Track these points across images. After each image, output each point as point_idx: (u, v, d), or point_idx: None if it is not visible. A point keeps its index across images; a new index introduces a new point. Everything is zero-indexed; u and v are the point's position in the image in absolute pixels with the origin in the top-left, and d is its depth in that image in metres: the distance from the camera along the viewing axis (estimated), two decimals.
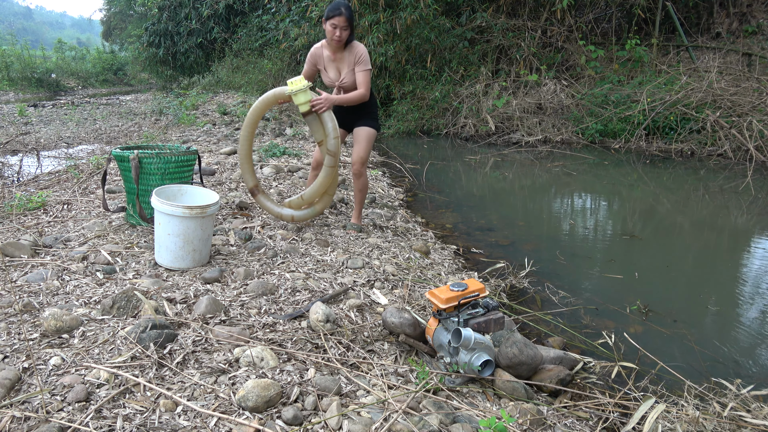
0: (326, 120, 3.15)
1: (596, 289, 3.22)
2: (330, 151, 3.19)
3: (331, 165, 3.22)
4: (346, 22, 3.09)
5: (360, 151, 3.38)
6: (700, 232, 4.40)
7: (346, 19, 3.09)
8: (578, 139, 8.06)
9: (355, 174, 3.42)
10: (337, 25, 3.09)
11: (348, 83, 3.31)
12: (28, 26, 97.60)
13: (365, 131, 3.39)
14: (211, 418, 1.55)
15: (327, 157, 3.22)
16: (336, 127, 3.16)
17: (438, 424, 1.63)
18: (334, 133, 3.16)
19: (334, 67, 3.33)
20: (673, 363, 2.30)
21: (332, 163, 3.21)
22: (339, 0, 3.11)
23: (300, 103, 3.10)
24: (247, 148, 3.35)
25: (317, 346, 2.04)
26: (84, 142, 8.03)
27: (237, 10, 15.32)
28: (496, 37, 9.82)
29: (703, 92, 7.56)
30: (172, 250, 2.61)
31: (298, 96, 3.08)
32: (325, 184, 3.26)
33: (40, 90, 20.58)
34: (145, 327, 1.91)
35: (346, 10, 3.09)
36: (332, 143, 3.17)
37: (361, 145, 3.38)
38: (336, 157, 3.20)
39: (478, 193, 5.71)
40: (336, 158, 3.20)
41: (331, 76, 3.35)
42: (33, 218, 3.53)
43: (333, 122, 3.16)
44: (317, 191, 3.29)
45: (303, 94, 3.07)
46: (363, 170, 3.41)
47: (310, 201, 3.36)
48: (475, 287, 2.14)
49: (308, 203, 3.37)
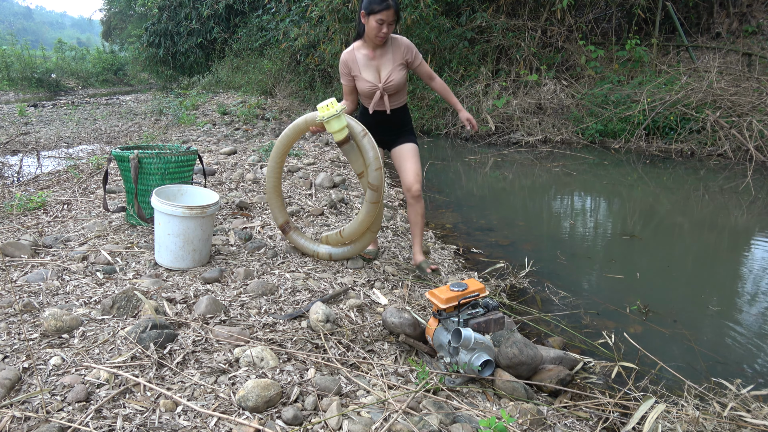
0: (366, 148, 2.69)
1: (596, 289, 3.22)
2: (372, 184, 2.72)
3: (373, 201, 2.75)
4: (394, 15, 2.62)
5: (416, 168, 2.89)
6: (700, 232, 4.40)
7: (395, 12, 2.62)
8: (578, 139, 8.06)
9: (414, 197, 2.92)
10: (384, 20, 2.61)
11: (396, 82, 2.80)
12: (28, 26, 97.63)
13: (412, 147, 2.93)
14: (211, 418, 1.55)
15: (368, 192, 2.75)
16: (378, 156, 2.69)
17: (438, 424, 1.63)
18: (376, 163, 2.68)
19: (372, 69, 2.82)
20: (673, 363, 2.30)
21: (375, 198, 2.74)
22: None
23: (334, 131, 2.65)
24: (276, 181, 2.99)
25: (317, 346, 2.04)
26: (84, 142, 8.03)
27: (237, 10, 15.33)
28: (496, 37, 9.82)
29: (703, 92, 7.55)
30: (172, 250, 2.61)
31: (332, 123, 2.62)
32: (367, 222, 2.82)
33: (40, 90, 20.60)
34: (145, 327, 1.91)
35: (394, 1, 2.61)
36: (374, 175, 2.70)
37: (413, 163, 2.90)
38: (379, 191, 2.74)
39: (478, 193, 5.71)
40: (379, 192, 2.74)
41: (370, 78, 2.81)
42: (33, 218, 3.53)
43: (374, 150, 2.68)
44: (358, 230, 2.85)
45: (337, 120, 2.62)
46: (421, 191, 2.94)
47: (350, 238, 2.92)
48: (475, 287, 2.14)
49: (348, 240, 2.93)
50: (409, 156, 2.91)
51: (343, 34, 9.33)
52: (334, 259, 2.97)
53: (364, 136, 2.68)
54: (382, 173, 2.72)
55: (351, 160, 2.76)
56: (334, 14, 9.26)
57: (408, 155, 2.91)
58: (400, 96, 2.91)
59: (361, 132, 2.69)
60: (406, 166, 2.90)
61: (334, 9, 9.16)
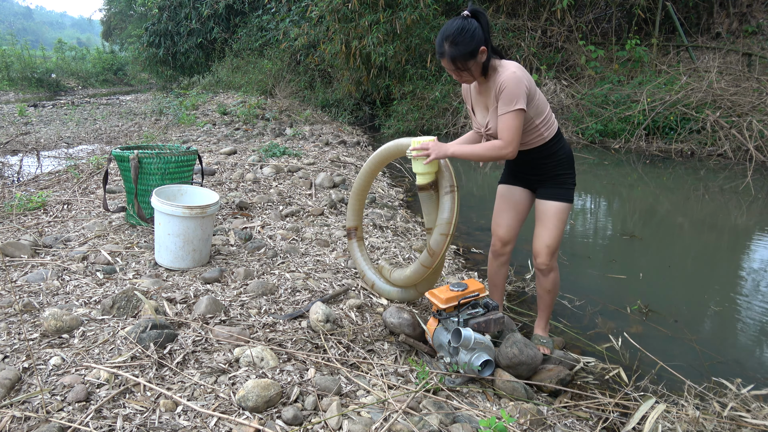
0: (445, 205, 2.28)
1: (597, 289, 3.22)
2: (431, 248, 2.33)
3: (425, 264, 2.39)
4: (452, 65, 2.06)
5: (547, 237, 2.25)
6: (700, 232, 4.40)
7: (450, 61, 2.05)
8: (578, 139, 8.06)
9: (540, 270, 2.33)
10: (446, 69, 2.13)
11: (494, 130, 2.17)
12: (28, 26, 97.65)
13: (555, 207, 2.24)
14: (211, 418, 1.54)
15: (424, 253, 2.39)
16: (453, 221, 2.27)
17: (438, 424, 1.63)
18: (446, 228, 2.27)
19: (481, 105, 2.24)
20: (674, 363, 2.29)
21: (428, 263, 2.37)
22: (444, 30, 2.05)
23: (418, 173, 2.31)
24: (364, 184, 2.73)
25: (317, 346, 2.04)
26: (84, 142, 8.03)
27: (237, 10, 15.32)
28: (496, 37, 9.82)
29: (703, 92, 7.56)
30: (172, 250, 2.61)
31: (417, 163, 2.28)
32: (414, 281, 2.51)
33: (40, 90, 20.59)
34: (145, 327, 1.91)
35: (451, 47, 2.01)
36: (437, 240, 2.29)
37: (548, 228, 2.25)
38: (435, 258, 2.34)
39: (478, 193, 5.71)
40: (434, 259, 2.34)
41: (478, 118, 2.27)
42: (33, 218, 3.53)
43: (452, 211, 2.27)
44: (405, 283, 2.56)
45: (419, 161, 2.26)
46: (553, 264, 2.31)
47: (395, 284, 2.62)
48: (475, 287, 2.14)
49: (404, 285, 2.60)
50: (546, 218, 2.26)
51: (343, 34, 9.33)
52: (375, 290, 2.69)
53: (448, 192, 2.29)
54: (447, 243, 2.30)
55: (425, 211, 2.39)
56: (334, 14, 9.26)
57: (544, 217, 2.27)
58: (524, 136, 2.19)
59: (449, 187, 2.30)
60: (538, 231, 2.29)
61: (334, 9, 9.16)
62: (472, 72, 2.08)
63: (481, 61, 2.05)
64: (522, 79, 2.02)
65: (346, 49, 9.38)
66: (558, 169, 2.25)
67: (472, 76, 2.10)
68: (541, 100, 2.17)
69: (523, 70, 2.07)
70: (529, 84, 2.07)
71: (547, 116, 2.18)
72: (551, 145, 2.22)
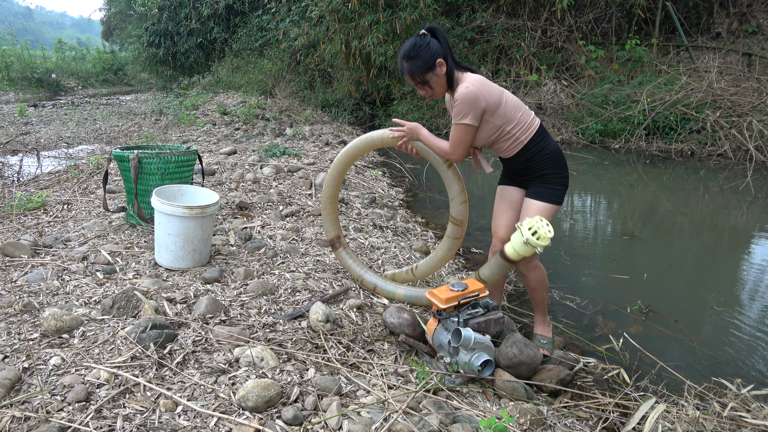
0: (450, 180, 2.40)
1: (597, 289, 3.22)
2: (455, 218, 2.43)
3: (456, 236, 2.48)
4: (411, 80, 2.18)
5: None
6: (700, 232, 4.40)
7: (409, 76, 2.17)
8: (578, 139, 8.06)
9: (521, 270, 2.32)
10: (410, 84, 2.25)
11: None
12: (28, 26, 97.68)
13: (536, 207, 2.22)
14: (211, 418, 1.54)
15: (450, 226, 2.46)
16: (464, 189, 2.39)
17: (438, 424, 1.63)
18: (462, 196, 2.38)
19: None
20: (674, 363, 2.30)
21: (458, 233, 2.47)
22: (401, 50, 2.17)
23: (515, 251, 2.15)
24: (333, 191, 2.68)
25: (317, 346, 2.04)
26: (84, 142, 8.03)
27: (237, 10, 15.32)
28: (496, 37, 9.83)
29: (703, 92, 7.56)
30: (172, 250, 2.61)
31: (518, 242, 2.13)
32: (447, 259, 2.56)
33: (40, 90, 20.58)
34: (145, 327, 1.91)
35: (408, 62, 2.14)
36: (459, 209, 2.41)
37: None
38: (463, 226, 2.44)
39: (478, 193, 5.71)
40: (463, 228, 2.44)
41: None
42: (33, 218, 3.53)
43: (460, 183, 2.40)
44: (436, 267, 2.58)
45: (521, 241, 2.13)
46: (535, 261, 2.29)
47: (424, 276, 2.64)
48: (475, 287, 2.14)
49: (421, 278, 2.66)
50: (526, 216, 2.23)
51: (342, 34, 9.32)
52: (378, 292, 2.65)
53: (448, 168, 2.38)
54: (466, 208, 2.41)
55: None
56: (334, 14, 9.25)
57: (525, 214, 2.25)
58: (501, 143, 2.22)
59: (445, 162, 2.37)
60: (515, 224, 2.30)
61: (334, 9, 9.16)
62: (433, 85, 2.16)
63: (441, 73, 2.12)
64: (475, 94, 2.06)
65: (346, 49, 9.38)
66: (544, 168, 2.21)
67: (434, 90, 2.18)
68: (510, 107, 2.15)
69: (481, 83, 2.09)
70: (489, 97, 2.08)
71: (521, 120, 2.17)
72: (533, 146, 2.20)
